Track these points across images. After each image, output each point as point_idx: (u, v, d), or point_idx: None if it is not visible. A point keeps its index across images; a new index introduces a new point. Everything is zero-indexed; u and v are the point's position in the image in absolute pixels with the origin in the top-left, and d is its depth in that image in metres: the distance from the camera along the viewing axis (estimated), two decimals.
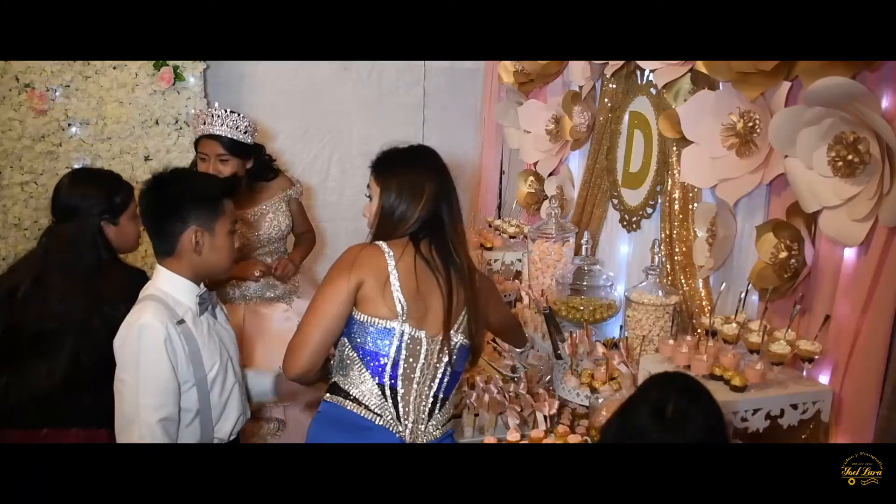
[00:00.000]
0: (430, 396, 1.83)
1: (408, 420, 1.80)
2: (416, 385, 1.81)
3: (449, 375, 1.84)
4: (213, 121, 2.65)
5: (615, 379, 2.22)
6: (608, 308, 2.62)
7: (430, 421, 1.84)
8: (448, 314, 1.80)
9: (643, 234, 2.74)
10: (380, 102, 3.90)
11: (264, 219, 2.91)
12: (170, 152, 3.38)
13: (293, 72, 3.70)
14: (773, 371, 1.91)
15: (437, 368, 1.82)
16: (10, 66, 3.12)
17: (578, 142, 3.06)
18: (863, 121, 1.74)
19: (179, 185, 1.90)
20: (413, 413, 1.81)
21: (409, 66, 3.91)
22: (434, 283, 1.80)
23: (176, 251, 1.86)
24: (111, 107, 3.27)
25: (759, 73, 2.01)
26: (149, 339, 1.77)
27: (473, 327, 1.86)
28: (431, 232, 1.82)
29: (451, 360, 1.82)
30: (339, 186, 3.93)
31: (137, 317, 1.80)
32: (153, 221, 1.89)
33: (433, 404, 1.84)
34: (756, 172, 2.13)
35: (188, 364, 1.83)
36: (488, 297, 1.97)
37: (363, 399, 1.80)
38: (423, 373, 1.81)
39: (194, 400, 1.86)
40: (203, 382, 1.87)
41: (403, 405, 1.80)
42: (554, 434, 2.14)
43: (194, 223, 1.85)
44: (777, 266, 2.02)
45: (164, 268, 1.89)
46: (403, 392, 1.80)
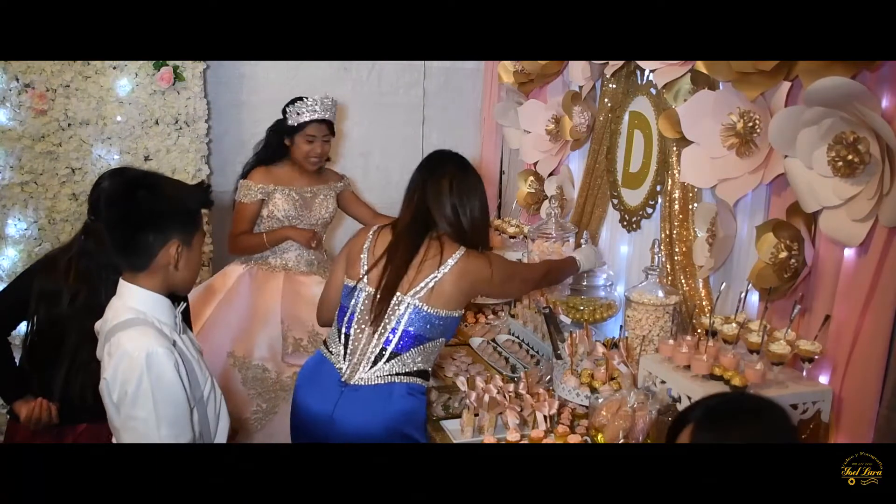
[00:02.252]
0: (378, 346, 2.11)
1: (351, 361, 2.14)
2: (366, 335, 2.13)
3: (400, 333, 2.11)
4: (324, 106, 3.05)
5: (615, 379, 2.22)
6: (608, 308, 2.62)
7: (373, 368, 2.11)
8: (384, 274, 2.13)
9: (643, 234, 2.74)
10: (380, 102, 3.90)
11: (315, 198, 3.17)
12: (170, 152, 3.38)
13: (293, 72, 3.70)
14: (773, 371, 1.91)
15: (387, 324, 2.11)
16: (10, 66, 3.12)
17: (578, 142, 3.06)
18: (863, 121, 1.74)
19: (157, 193, 1.70)
20: (357, 357, 2.13)
21: (409, 66, 3.91)
22: (392, 250, 2.16)
23: (150, 266, 1.69)
24: (111, 107, 3.27)
25: (759, 73, 2.01)
26: (159, 367, 1.62)
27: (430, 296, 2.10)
28: (413, 218, 2.19)
29: (401, 318, 2.10)
30: None
31: (136, 346, 1.62)
32: (124, 233, 1.70)
33: (379, 355, 2.11)
34: (756, 172, 2.13)
35: (188, 386, 1.70)
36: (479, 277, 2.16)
37: (328, 341, 2.24)
38: (373, 325, 2.12)
39: (195, 421, 1.74)
40: (201, 402, 1.76)
41: (351, 350, 2.15)
42: (554, 434, 2.14)
43: (176, 237, 1.69)
44: (777, 266, 2.02)
45: (134, 284, 1.71)
46: (353, 339, 2.15)
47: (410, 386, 2.12)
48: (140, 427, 1.62)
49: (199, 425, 1.74)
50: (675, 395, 1.99)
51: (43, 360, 2.20)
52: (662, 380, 2.04)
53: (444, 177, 2.19)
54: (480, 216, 2.23)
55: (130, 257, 1.71)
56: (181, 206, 1.72)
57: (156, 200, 1.69)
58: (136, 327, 1.66)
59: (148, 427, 1.62)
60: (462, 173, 2.22)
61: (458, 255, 2.13)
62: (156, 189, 1.71)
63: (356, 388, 2.10)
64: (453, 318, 2.17)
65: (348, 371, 2.13)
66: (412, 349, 2.12)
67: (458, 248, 2.15)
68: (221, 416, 1.88)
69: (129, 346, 1.63)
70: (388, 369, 2.11)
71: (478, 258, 2.17)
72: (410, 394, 2.12)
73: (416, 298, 2.11)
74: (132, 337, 1.64)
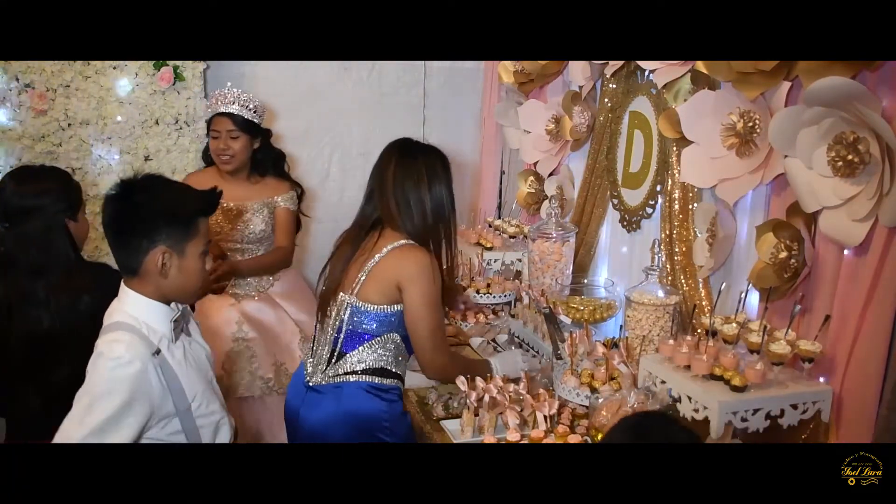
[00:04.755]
0: (329, 347, 2.15)
1: (313, 363, 2.19)
2: (323, 336, 2.17)
3: (346, 332, 2.12)
4: (225, 99, 2.87)
5: (615, 379, 2.22)
6: (608, 308, 2.62)
7: (328, 369, 2.15)
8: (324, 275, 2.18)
9: (643, 234, 2.74)
10: (380, 102, 3.90)
11: (240, 217, 2.96)
12: (170, 152, 3.39)
13: (293, 72, 3.70)
14: (773, 371, 1.91)
15: (334, 324, 2.13)
16: (10, 65, 3.12)
17: (578, 142, 3.06)
18: (863, 121, 1.74)
19: (149, 197, 1.69)
20: (316, 358, 2.19)
21: (409, 66, 3.91)
22: (337, 251, 2.19)
23: (140, 271, 1.69)
24: (111, 107, 3.27)
25: (759, 73, 2.01)
26: (116, 372, 1.61)
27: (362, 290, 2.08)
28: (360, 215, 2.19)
29: (343, 318, 2.11)
30: (340, 187, 3.93)
31: (109, 349, 1.63)
32: (116, 234, 1.71)
33: (331, 355, 2.15)
34: (756, 172, 2.13)
35: (166, 397, 1.68)
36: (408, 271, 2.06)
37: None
38: (325, 326, 2.16)
39: (178, 429, 1.73)
40: (187, 413, 1.73)
41: (314, 352, 2.21)
42: (554, 434, 2.14)
43: (163, 243, 1.67)
44: (777, 266, 2.02)
45: (131, 289, 1.72)
46: (316, 341, 2.22)
47: (367, 384, 2.12)
48: (76, 407, 1.61)
49: (187, 434, 1.74)
50: (675, 395, 1.99)
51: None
52: (662, 380, 2.04)
53: (388, 165, 2.12)
54: (428, 210, 2.09)
55: (120, 261, 1.73)
56: (171, 213, 1.69)
57: (142, 205, 1.67)
58: (117, 331, 1.67)
59: (81, 410, 1.61)
60: (407, 160, 2.12)
61: (395, 244, 2.06)
62: (146, 192, 1.70)
63: (315, 389, 2.16)
64: (395, 313, 2.11)
65: (310, 371, 2.20)
66: (358, 347, 2.13)
67: (395, 239, 2.08)
68: (223, 422, 1.87)
69: (103, 348, 1.65)
70: (339, 369, 2.14)
71: (418, 251, 2.08)
72: (368, 392, 2.12)
73: (353, 296, 2.10)
74: (108, 340, 1.66)
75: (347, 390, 2.12)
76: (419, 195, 2.09)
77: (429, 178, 2.10)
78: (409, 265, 2.06)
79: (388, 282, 2.07)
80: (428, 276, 2.06)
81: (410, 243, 2.09)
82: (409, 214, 2.09)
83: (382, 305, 2.10)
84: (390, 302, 2.10)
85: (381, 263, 2.07)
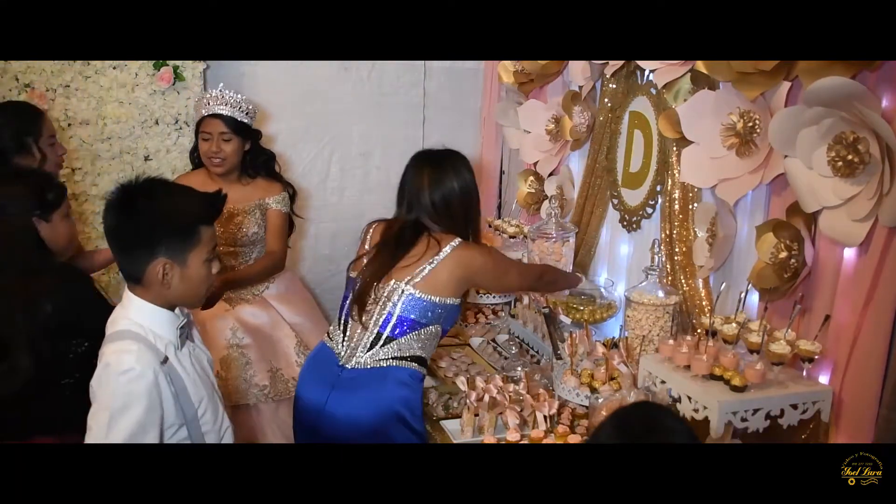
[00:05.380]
0: (374, 332, 2.20)
1: (349, 346, 2.24)
2: (363, 321, 2.22)
3: (396, 319, 2.19)
4: (216, 101, 2.81)
5: (615, 379, 2.22)
6: (608, 308, 2.62)
7: (369, 352, 2.20)
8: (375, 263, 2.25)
9: (643, 234, 2.74)
10: (380, 102, 3.89)
11: (232, 220, 2.91)
12: (170, 152, 3.38)
13: (293, 72, 3.69)
14: (773, 371, 1.91)
15: (382, 310, 2.20)
16: (10, 66, 3.12)
17: (578, 142, 3.05)
18: (863, 121, 1.74)
19: (150, 207, 1.65)
20: (354, 342, 2.23)
21: (409, 65, 3.91)
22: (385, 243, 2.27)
23: (143, 280, 1.66)
24: (111, 107, 3.27)
25: (759, 73, 2.01)
26: (131, 387, 1.59)
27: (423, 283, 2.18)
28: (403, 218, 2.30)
29: (396, 304, 2.19)
30: (340, 186, 3.92)
31: (117, 360, 1.60)
32: (117, 244, 1.70)
33: (375, 340, 2.20)
34: (756, 172, 2.13)
35: (175, 405, 1.67)
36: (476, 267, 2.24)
37: (330, 331, 2.35)
38: (368, 311, 2.21)
39: (185, 437, 1.72)
40: (194, 420, 1.72)
41: (349, 335, 2.25)
42: (554, 434, 2.14)
43: (163, 255, 1.63)
44: (777, 266, 2.02)
45: (135, 296, 1.69)
46: (351, 325, 2.25)
47: (408, 371, 2.20)
48: (95, 428, 1.61)
49: (193, 441, 1.73)
50: (675, 395, 1.99)
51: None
52: (662, 380, 2.04)
53: (421, 175, 2.29)
54: (460, 202, 2.29)
55: (123, 268, 1.71)
56: (171, 223, 1.66)
57: (141, 214, 1.64)
58: (124, 341, 1.65)
59: (101, 432, 1.59)
60: (437, 167, 2.30)
61: (454, 244, 2.21)
62: (147, 200, 1.66)
63: (353, 371, 2.21)
64: (447, 306, 2.23)
65: (346, 355, 2.24)
66: (408, 334, 2.20)
67: (452, 238, 2.22)
68: (227, 427, 1.87)
69: (111, 358, 1.62)
70: (383, 353, 2.20)
71: (474, 248, 2.27)
72: (407, 379, 2.20)
73: (410, 285, 2.18)
74: (116, 350, 1.63)
75: (393, 374, 2.19)
76: (454, 193, 2.28)
77: (457, 176, 2.30)
78: (470, 261, 2.23)
79: (452, 276, 2.21)
80: (488, 261, 2.27)
81: (467, 243, 2.26)
82: (449, 213, 2.28)
83: (438, 297, 2.20)
84: (450, 294, 2.23)
85: (445, 262, 2.19)
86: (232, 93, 2.86)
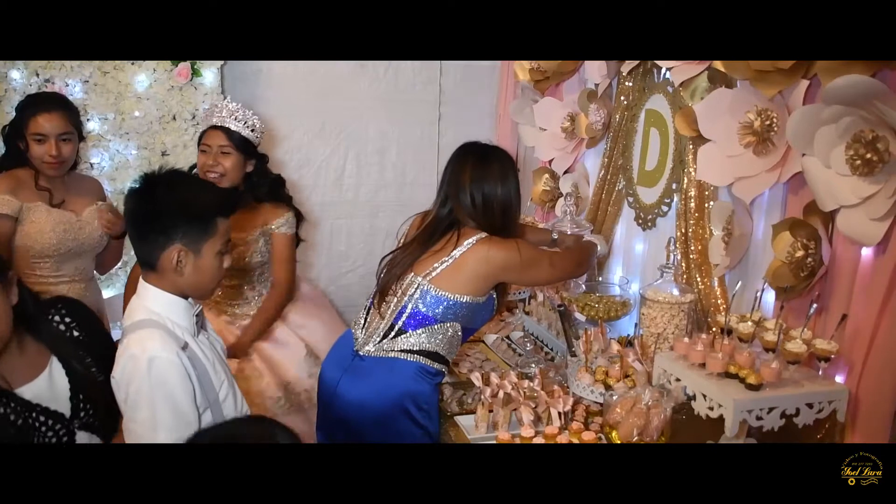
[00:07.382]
0: (388, 322, 2.24)
1: (365, 333, 2.30)
2: (381, 311, 2.26)
3: (411, 311, 2.22)
4: (220, 112, 2.70)
5: (630, 376, 2.23)
6: (623, 306, 2.62)
7: (382, 342, 2.24)
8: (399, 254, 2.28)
9: (658, 232, 2.74)
10: (396, 99, 3.90)
11: (235, 249, 2.72)
12: (187, 147, 3.41)
13: (310, 68, 3.71)
14: (788, 370, 1.90)
15: (399, 302, 2.23)
16: (30, 61, 3.14)
17: (594, 139, 3.05)
18: (882, 119, 1.73)
19: (170, 194, 1.70)
20: (371, 330, 2.28)
21: (425, 63, 3.91)
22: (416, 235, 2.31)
23: (157, 266, 1.71)
24: (129, 102, 3.30)
25: (777, 71, 2.00)
26: (161, 373, 1.62)
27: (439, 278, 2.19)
28: (439, 209, 2.29)
29: (411, 298, 2.21)
30: (356, 183, 3.94)
31: (142, 348, 1.63)
32: (134, 228, 1.74)
33: (388, 330, 2.24)
34: (773, 171, 2.12)
35: (200, 390, 1.71)
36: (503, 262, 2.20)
37: (360, 314, 2.37)
38: (387, 302, 2.25)
39: (210, 422, 1.72)
40: (217, 404, 1.76)
41: (368, 322, 2.31)
42: (568, 431, 2.15)
43: (179, 241, 1.68)
44: (793, 265, 2.02)
45: (151, 285, 1.73)
46: (372, 313, 2.30)
47: (416, 365, 2.22)
48: (138, 430, 1.65)
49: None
50: (689, 392, 1.99)
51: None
52: (677, 377, 2.04)
53: (464, 168, 2.26)
54: (501, 204, 2.25)
55: (139, 254, 1.76)
56: (190, 211, 1.70)
57: (161, 201, 1.69)
58: (145, 329, 1.68)
59: (145, 430, 1.63)
60: (481, 162, 2.26)
61: (475, 239, 2.19)
62: (167, 188, 1.71)
63: (363, 359, 2.26)
64: (466, 304, 2.22)
65: (361, 341, 2.29)
66: (418, 329, 2.22)
67: (476, 233, 2.20)
68: (245, 413, 1.87)
69: (136, 349, 1.65)
70: (392, 345, 2.23)
71: (501, 243, 2.21)
72: (418, 372, 2.22)
73: (427, 280, 2.20)
74: (139, 339, 1.66)
75: (399, 366, 2.21)
76: (495, 193, 2.24)
77: (502, 177, 2.26)
78: (492, 257, 2.19)
79: (473, 273, 2.19)
80: (513, 256, 2.20)
81: (493, 238, 2.21)
82: (487, 212, 2.24)
83: (455, 294, 2.20)
84: (470, 292, 2.21)
85: (465, 256, 2.18)
86: (237, 106, 2.74)
